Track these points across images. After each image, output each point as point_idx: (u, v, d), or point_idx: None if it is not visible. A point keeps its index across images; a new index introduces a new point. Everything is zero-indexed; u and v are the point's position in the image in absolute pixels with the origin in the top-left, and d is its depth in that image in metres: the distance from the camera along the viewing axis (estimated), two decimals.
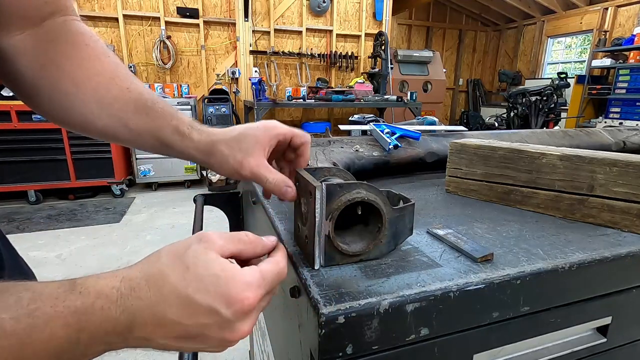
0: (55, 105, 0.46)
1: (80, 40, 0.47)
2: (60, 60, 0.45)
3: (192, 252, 0.30)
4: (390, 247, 0.45)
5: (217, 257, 0.30)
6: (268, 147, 0.46)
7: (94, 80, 0.46)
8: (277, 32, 5.03)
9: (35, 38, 0.45)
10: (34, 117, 3.46)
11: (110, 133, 0.47)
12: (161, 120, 0.47)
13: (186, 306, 0.28)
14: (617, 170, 0.54)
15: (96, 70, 0.46)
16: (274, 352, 0.69)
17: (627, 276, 0.49)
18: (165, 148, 0.47)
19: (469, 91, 8.32)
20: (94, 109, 0.46)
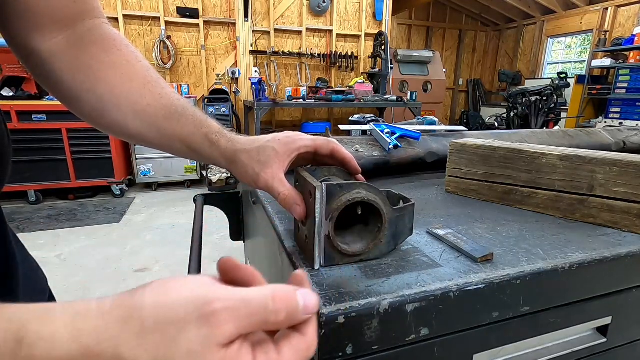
0: (90, 107, 0.48)
1: (112, 45, 0.48)
2: (94, 64, 0.47)
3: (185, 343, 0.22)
4: (390, 247, 0.45)
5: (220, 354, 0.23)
6: (287, 160, 0.46)
7: (127, 86, 0.47)
8: (277, 32, 5.03)
9: (69, 42, 0.46)
10: (34, 117, 3.46)
11: (141, 137, 0.49)
12: (192, 127, 0.48)
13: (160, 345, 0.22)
14: (617, 170, 0.54)
15: (129, 76, 0.48)
16: None
17: (627, 276, 0.49)
18: (194, 153, 0.49)
19: (469, 91, 8.32)
20: (128, 113, 0.47)
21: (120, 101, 0.47)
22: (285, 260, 0.46)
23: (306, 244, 0.43)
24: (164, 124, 0.48)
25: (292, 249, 0.46)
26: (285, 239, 0.49)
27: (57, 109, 3.51)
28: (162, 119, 0.48)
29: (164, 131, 0.48)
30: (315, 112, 5.53)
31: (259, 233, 0.76)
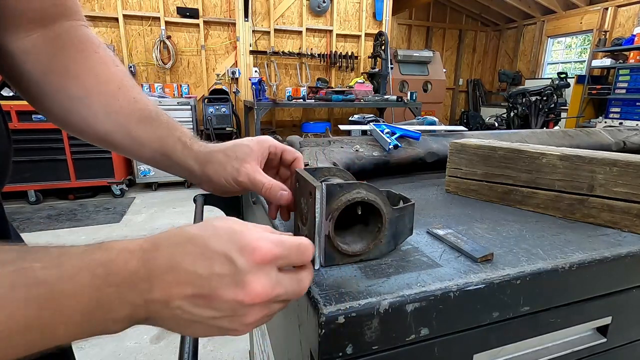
0: (58, 107, 0.47)
1: (89, 47, 0.48)
2: (69, 65, 0.46)
3: (213, 218, 0.32)
4: (390, 247, 0.45)
5: (238, 222, 0.31)
6: (261, 157, 0.48)
7: (102, 87, 0.47)
8: (277, 32, 5.03)
9: (44, 41, 0.45)
10: (34, 117, 3.45)
11: (110, 140, 0.48)
12: (165, 130, 0.48)
13: (202, 254, 0.28)
14: (617, 170, 0.54)
15: (105, 78, 0.48)
16: (274, 352, 0.69)
17: (627, 276, 0.49)
18: (165, 158, 0.48)
19: (469, 91, 8.32)
20: (98, 113, 0.47)
21: (92, 101, 0.47)
22: None
23: None
24: (137, 127, 0.48)
25: None
26: None
27: None
28: (135, 122, 0.48)
29: (135, 134, 0.48)
30: (315, 112, 5.53)
31: None
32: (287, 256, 0.30)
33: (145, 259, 0.28)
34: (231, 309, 0.28)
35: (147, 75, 4.68)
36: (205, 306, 0.28)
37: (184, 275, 0.28)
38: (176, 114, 4.11)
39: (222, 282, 0.28)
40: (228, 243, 0.28)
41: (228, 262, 0.28)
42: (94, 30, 4.26)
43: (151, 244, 0.29)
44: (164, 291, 0.28)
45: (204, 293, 0.28)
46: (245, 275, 0.28)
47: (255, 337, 1.09)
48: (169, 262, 0.28)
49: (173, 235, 0.30)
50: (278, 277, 0.30)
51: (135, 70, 4.55)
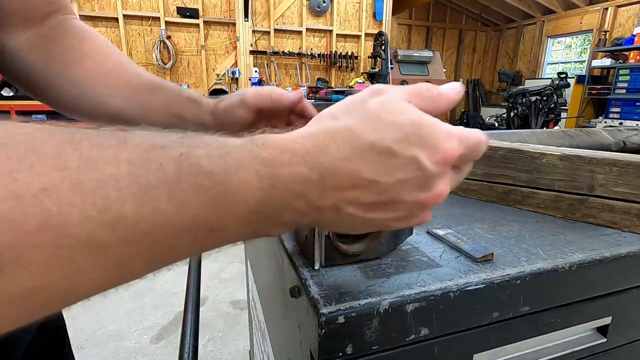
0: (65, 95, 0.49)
1: (83, 35, 0.50)
2: (68, 53, 0.48)
3: (374, 103, 0.26)
4: (390, 247, 0.45)
5: (409, 105, 0.26)
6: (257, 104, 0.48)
7: (103, 69, 0.49)
8: (277, 32, 5.03)
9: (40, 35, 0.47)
10: (33, 117, 3.46)
11: (123, 116, 0.49)
12: (174, 94, 0.50)
13: (383, 161, 0.24)
14: (617, 170, 0.54)
15: (103, 59, 0.49)
16: (274, 352, 0.69)
17: (627, 276, 0.49)
18: (178, 119, 0.49)
19: (469, 91, 8.32)
20: (106, 92, 0.48)
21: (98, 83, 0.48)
22: (285, 260, 0.46)
23: (306, 244, 0.43)
24: (146, 98, 0.49)
25: (292, 249, 0.46)
26: (285, 239, 0.49)
27: None
28: (144, 94, 0.49)
29: (146, 104, 0.49)
30: None
31: None
32: (467, 155, 0.28)
33: (314, 163, 0.24)
34: (409, 210, 0.26)
35: None
36: (381, 210, 0.26)
37: (363, 184, 0.25)
38: None
39: (406, 188, 0.25)
40: (416, 145, 0.25)
41: (415, 167, 0.25)
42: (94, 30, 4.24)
43: (315, 145, 0.24)
44: (338, 199, 0.25)
45: (384, 200, 0.25)
46: (433, 179, 0.26)
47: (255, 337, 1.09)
48: (345, 168, 0.24)
49: (341, 135, 0.25)
50: (451, 173, 0.27)
51: None
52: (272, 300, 0.66)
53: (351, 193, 0.25)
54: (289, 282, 0.44)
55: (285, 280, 0.48)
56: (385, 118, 0.25)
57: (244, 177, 0.22)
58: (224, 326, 1.90)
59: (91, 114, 0.50)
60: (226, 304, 2.07)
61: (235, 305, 2.07)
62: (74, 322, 1.88)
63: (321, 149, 0.24)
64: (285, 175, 0.23)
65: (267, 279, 0.69)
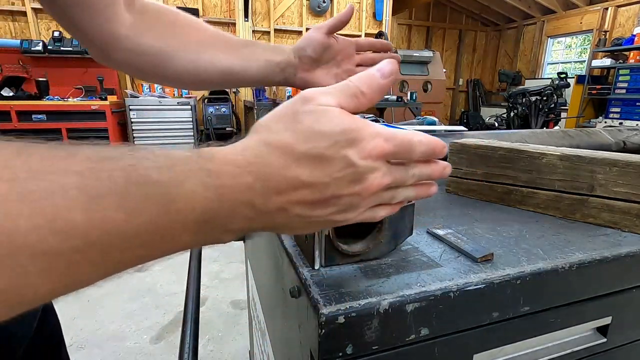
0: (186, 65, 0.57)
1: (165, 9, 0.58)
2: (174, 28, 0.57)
3: (305, 114, 0.28)
4: (390, 247, 0.45)
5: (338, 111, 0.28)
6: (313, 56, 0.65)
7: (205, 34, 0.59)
8: (277, 32, 5.03)
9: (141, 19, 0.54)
10: (34, 117, 3.46)
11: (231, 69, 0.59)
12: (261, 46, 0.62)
13: (319, 165, 0.27)
14: (617, 170, 0.54)
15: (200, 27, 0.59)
16: (274, 352, 0.69)
17: (627, 276, 0.49)
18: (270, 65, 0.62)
19: (469, 91, 8.32)
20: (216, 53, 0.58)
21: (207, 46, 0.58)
22: (285, 260, 0.46)
23: (306, 244, 0.43)
24: (244, 51, 0.60)
25: (292, 249, 0.46)
26: (285, 239, 0.49)
27: (57, 109, 3.52)
28: (241, 48, 0.60)
29: (245, 56, 0.60)
30: None
31: (259, 233, 0.76)
32: (397, 152, 0.30)
33: (256, 172, 0.26)
34: (349, 202, 0.29)
35: None
36: (323, 207, 0.28)
37: (303, 187, 0.27)
38: (176, 114, 4.11)
39: (342, 184, 0.28)
40: (346, 148, 0.27)
41: (347, 165, 0.27)
42: None
43: (256, 157, 0.26)
44: (282, 202, 0.27)
45: (325, 197, 0.28)
46: (363, 172, 0.28)
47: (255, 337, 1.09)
48: (284, 175, 0.26)
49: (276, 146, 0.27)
50: (389, 168, 0.30)
51: None
52: (272, 300, 0.65)
53: (295, 195, 0.27)
54: (289, 282, 0.44)
55: (285, 280, 0.48)
56: (316, 128, 0.27)
57: (191, 188, 0.23)
58: (223, 326, 1.90)
59: (208, 75, 0.58)
60: (226, 304, 2.07)
61: (235, 305, 2.07)
62: (73, 322, 1.88)
63: (262, 160, 0.26)
64: (230, 185, 0.25)
65: (267, 279, 0.69)
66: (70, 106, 3.57)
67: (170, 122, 4.11)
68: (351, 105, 0.29)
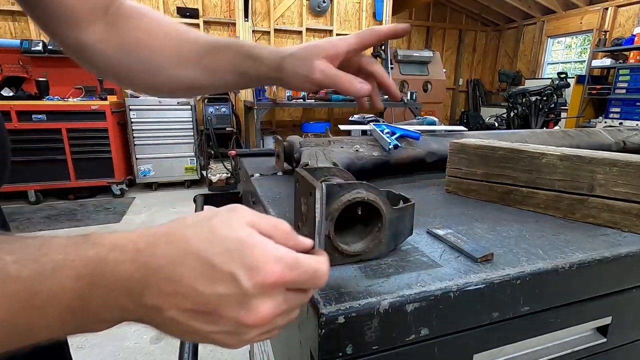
0: (145, 78, 0.53)
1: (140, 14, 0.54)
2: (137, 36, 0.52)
3: (220, 217, 0.27)
4: (390, 247, 0.45)
5: (247, 226, 0.27)
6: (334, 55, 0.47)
7: (168, 43, 0.53)
8: (277, 32, 5.03)
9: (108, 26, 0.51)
10: (34, 117, 3.45)
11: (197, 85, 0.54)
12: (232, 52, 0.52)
13: (205, 270, 0.25)
14: (617, 170, 0.54)
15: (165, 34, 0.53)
16: (274, 352, 0.69)
17: (627, 276, 0.49)
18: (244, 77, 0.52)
19: (469, 91, 8.32)
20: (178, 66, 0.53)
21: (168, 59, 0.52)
22: None
23: None
24: (209, 60, 0.52)
25: None
26: None
27: (57, 109, 3.51)
28: (207, 57, 0.52)
29: (210, 66, 0.52)
30: (315, 112, 5.53)
31: None
32: (299, 282, 0.27)
33: (140, 262, 0.25)
34: (231, 327, 0.27)
35: None
36: (203, 321, 0.26)
37: (183, 289, 0.25)
38: (176, 114, 4.11)
39: (225, 302, 0.26)
40: (236, 262, 0.25)
41: (233, 283, 0.25)
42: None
43: (147, 244, 0.26)
44: (159, 300, 0.25)
45: (204, 310, 0.26)
46: (251, 299, 0.26)
47: None
48: (168, 271, 0.25)
49: (174, 239, 0.26)
50: (285, 297, 0.27)
51: None
52: None
53: (174, 298, 0.25)
54: None
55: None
56: (217, 232, 0.26)
57: (58, 280, 0.23)
58: None
59: (170, 90, 0.55)
60: None
61: None
62: None
63: (152, 249, 0.25)
64: (108, 274, 0.24)
65: None
66: (70, 106, 3.57)
67: (170, 122, 4.10)
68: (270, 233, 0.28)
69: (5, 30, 4.11)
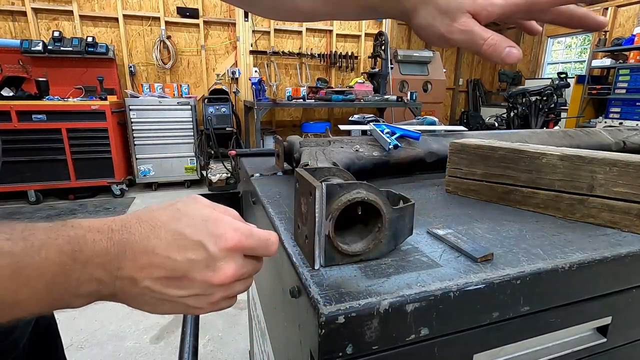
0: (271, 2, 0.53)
1: None
2: None
3: (183, 201, 0.34)
4: (390, 247, 0.45)
5: (207, 207, 0.34)
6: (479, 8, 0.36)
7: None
8: (277, 32, 5.03)
9: None
10: (34, 117, 3.45)
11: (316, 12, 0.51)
12: None
13: (176, 240, 0.30)
14: (617, 170, 0.54)
15: None
16: (274, 352, 0.69)
17: (627, 276, 0.49)
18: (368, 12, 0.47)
19: (469, 91, 8.31)
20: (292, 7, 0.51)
21: None
22: (285, 260, 0.46)
23: (306, 244, 0.43)
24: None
25: (292, 249, 0.46)
26: (285, 239, 0.49)
27: (57, 109, 3.51)
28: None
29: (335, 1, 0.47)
30: (315, 112, 5.53)
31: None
32: (254, 248, 0.34)
33: (115, 239, 0.29)
34: (200, 289, 0.32)
35: (147, 75, 4.67)
36: (175, 286, 0.31)
37: (157, 259, 0.30)
38: (176, 114, 4.11)
39: (195, 266, 0.31)
40: (203, 232, 0.31)
41: (202, 249, 0.31)
42: (94, 30, 4.27)
43: (120, 225, 0.30)
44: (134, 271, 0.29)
45: (176, 275, 0.30)
46: (217, 261, 0.31)
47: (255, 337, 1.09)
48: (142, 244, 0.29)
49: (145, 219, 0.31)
50: (244, 262, 0.34)
51: (135, 70, 4.55)
52: (272, 300, 0.66)
53: (149, 267, 0.30)
54: (289, 282, 0.44)
55: (285, 280, 0.48)
56: (183, 210, 0.32)
57: (44, 255, 0.26)
58: (223, 326, 1.90)
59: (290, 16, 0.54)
60: None
61: (235, 305, 2.06)
62: (73, 322, 1.88)
63: (126, 229, 0.30)
64: (87, 249, 0.28)
65: (267, 279, 0.69)
66: (70, 106, 3.57)
67: (170, 122, 4.10)
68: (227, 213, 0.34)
69: (5, 30, 4.11)
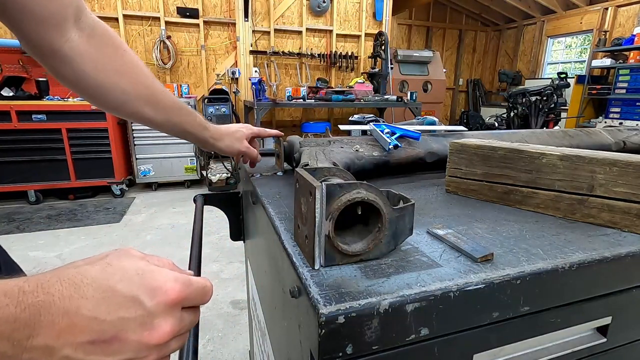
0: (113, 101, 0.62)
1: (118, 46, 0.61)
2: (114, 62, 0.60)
3: (113, 254, 0.30)
4: (390, 247, 0.45)
5: (140, 259, 0.30)
6: (249, 136, 0.85)
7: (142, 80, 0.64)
8: (277, 32, 5.03)
9: (87, 41, 0.57)
10: (34, 117, 3.45)
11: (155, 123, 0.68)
12: (191, 117, 0.73)
13: (106, 298, 0.26)
14: (617, 170, 0.54)
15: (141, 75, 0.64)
16: (274, 352, 0.69)
17: (627, 276, 0.49)
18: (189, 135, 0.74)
19: (469, 91, 8.31)
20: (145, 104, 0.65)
21: (139, 94, 0.63)
22: (285, 260, 0.46)
23: (306, 244, 0.43)
24: (172, 114, 0.69)
25: (292, 249, 0.46)
26: (285, 239, 0.49)
27: (57, 109, 3.51)
28: (170, 110, 0.69)
29: (171, 119, 0.69)
30: (315, 112, 5.53)
31: (259, 233, 0.76)
32: (192, 298, 0.30)
33: (27, 303, 0.24)
34: (133, 352, 0.27)
35: None
36: (102, 352, 0.26)
37: (81, 321, 0.25)
38: None
39: (129, 325, 0.26)
40: (138, 285, 0.27)
41: (137, 305, 0.27)
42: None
43: (36, 285, 0.25)
44: (50, 338, 0.24)
45: (104, 338, 0.26)
46: (154, 318, 0.27)
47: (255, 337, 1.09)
48: (62, 306, 0.25)
49: (67, 277, 0.26)
50: (182, 315, 0.30)
51: None
52: (272, 300, 0.66)
53: (69, 332, 0.25)
54: (289, 282, 0.44)
55: (285, 281, 0.48)
56: (115, 265, 0.28)
57: None
58: (224, 326, 1.90)
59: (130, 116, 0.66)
60: (226, 304, 2.07)
61: (235, 305, 2.07)
62: None
63: (43, 289, 0.25)
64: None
65: (267, 279, 0.69)
66: (70, 106, 3.57)
67: None
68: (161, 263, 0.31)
69: (6, 30, 4.11)
